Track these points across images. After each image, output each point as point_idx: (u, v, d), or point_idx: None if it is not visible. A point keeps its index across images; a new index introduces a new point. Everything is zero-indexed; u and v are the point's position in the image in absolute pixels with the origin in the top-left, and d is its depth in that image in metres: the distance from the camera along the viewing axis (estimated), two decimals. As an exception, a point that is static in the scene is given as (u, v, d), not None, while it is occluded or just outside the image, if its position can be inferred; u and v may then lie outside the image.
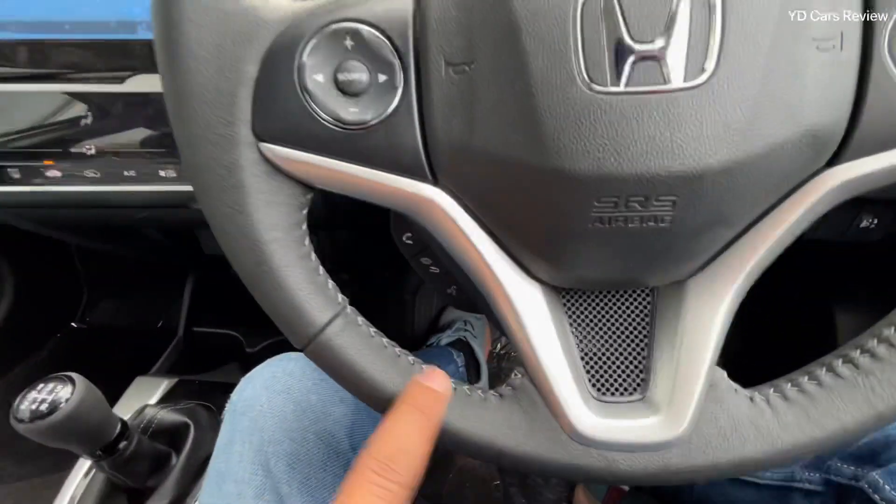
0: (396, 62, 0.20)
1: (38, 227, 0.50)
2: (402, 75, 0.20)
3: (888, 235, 0.43)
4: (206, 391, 0.54)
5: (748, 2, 0.18)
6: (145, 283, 1.17)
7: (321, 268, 0.24)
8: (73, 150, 0.41)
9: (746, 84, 0.18)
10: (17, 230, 0.95)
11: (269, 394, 0.33)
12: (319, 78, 0.20)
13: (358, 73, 0.20)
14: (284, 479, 0.30)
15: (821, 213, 0.22)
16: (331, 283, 0.24)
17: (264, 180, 0.21)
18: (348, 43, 0.20)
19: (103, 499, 0.44)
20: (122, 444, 0.40)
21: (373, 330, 0.24)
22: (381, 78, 0.20)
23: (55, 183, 0.42)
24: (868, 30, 0.19)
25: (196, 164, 0.21)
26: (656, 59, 0.18)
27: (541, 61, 0.18)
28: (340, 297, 0.24)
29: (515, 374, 0.25)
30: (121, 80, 0.40)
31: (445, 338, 0.88)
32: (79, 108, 0.40)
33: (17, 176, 0.42)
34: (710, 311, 0.23)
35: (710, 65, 0.18)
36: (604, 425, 0.23)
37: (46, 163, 0.41)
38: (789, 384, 0.23)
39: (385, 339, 0.24)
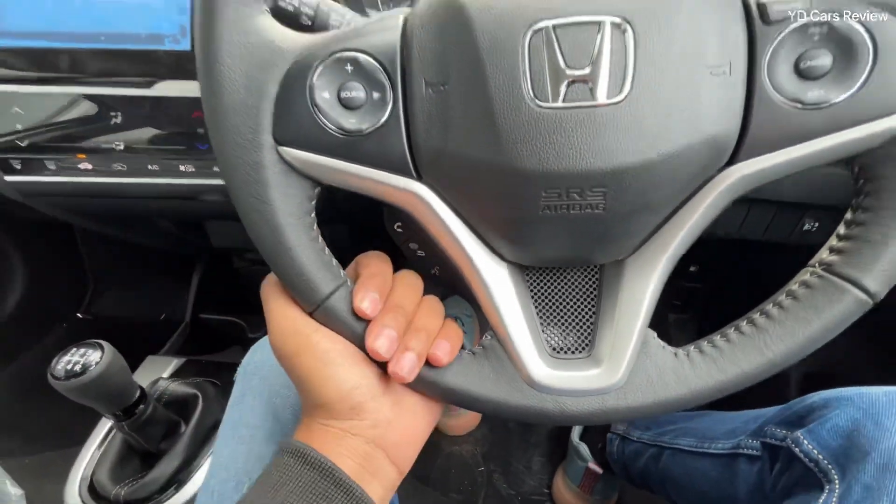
0: (387, 83, 0.26)
1: (66, 214, 0.55)
2: (391, 93, 0.26)
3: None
4: (211, 370, 0.59)
5: (655, 39, 0.23)
6: (148, 276, 1.21)
7: (327, 249, 0.29)
8: (103, 145, 0.46)
9: (655, 101, 0.23)
10: (29, 223, 1.00)
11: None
12: (326, 95, 0.25)
13: (356, 92, 0.25)
14: (290, 424, 0.35)
15: (727, 203, 0.27)
16: (335, 262, 0.29)
17: (282, 176, 0.26)
18: (349, 68, 0.25)
19: (120, 459, 0.49)
20: (140, 408, 0.45)
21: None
22: (375, 95, 0.26)
23: (87, 174, 0.47)
24: (752, 60, 0.24)
25: (228, 163, 0.26)
26: (586, 81, 0.23)
27: (498, 83, 0.23)
28: (342, 272, 0.29)
29: (486, 336, 0.30)
30: (149, 85, 0.45)
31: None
32: (110, 109, 0.46)
33: (52, 167, 0.47)
34: (643, 283, 0.29)
35: (627, 87, 0.23)
36: (556, 376, 0.28)
37: (79, 156, 0.47)
38: (706, 342, 0.28)
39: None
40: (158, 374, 0.57)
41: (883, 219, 0.25)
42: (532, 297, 0.31)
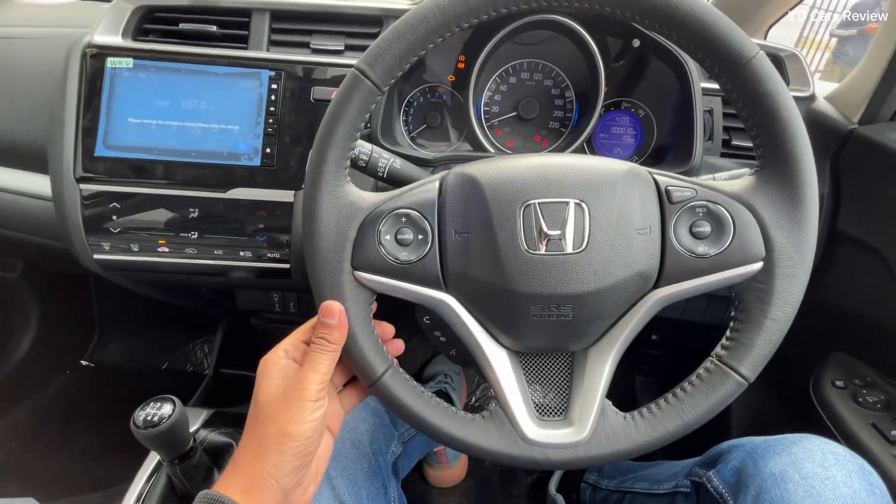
0: (429, 228, 0.39)
1: (132, 283, 0.65)
2: (431, 235, 0.38)
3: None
4: (238, 421, 0.67)
5: (601, 213, 0.37)
6: (151, 328, 1.28)
7: (380, 340, 0.40)
8: (181, 234, 0.58)
9: (603, 251, 0.37)
10: (44, 272, 1.07)
11: None
12: (388, 237, 0.38)
13: (408, 235, 0.38)
14: (332, 468, 0.45)
15: (654, 313, 0.40)
16: (384, 348, 0.40)
17: (354, 291, 0.38)
18: (403, 219, 0.38)
19: (163, 500, 0.56)
20: (191, 455, 0.53)
21: (408, 377, 0.40)
22: (420, 237, 0.38)
23: (163, 256, 0.58)
24: (663, 225, 0.38)
25: (319, 281, 0.38)
26: (559, 238, 0.37)
27: (503, 236, 0.37)
28: (390, 356, 0.40)
29: (491, 404, 0.41)
30: (224, 191, 0.57)
31: (429, 388, 1.03)
32: (190, 206, 0.58)
33: (136, 249, 0.58)
34: (601, 366, 0.41)
35: (584, 243, 0.37)
36: (542, 433, 0.40)
37: (160, 241, 0.58)
38: (645, 409, 0.40)
39: (415, 383, 0.40)
40: (194, 423, 0.65)
41: (749, 328, 0.38)
42: (525, 374, 0.43)
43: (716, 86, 0.61)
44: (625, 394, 1.05)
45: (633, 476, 0.64)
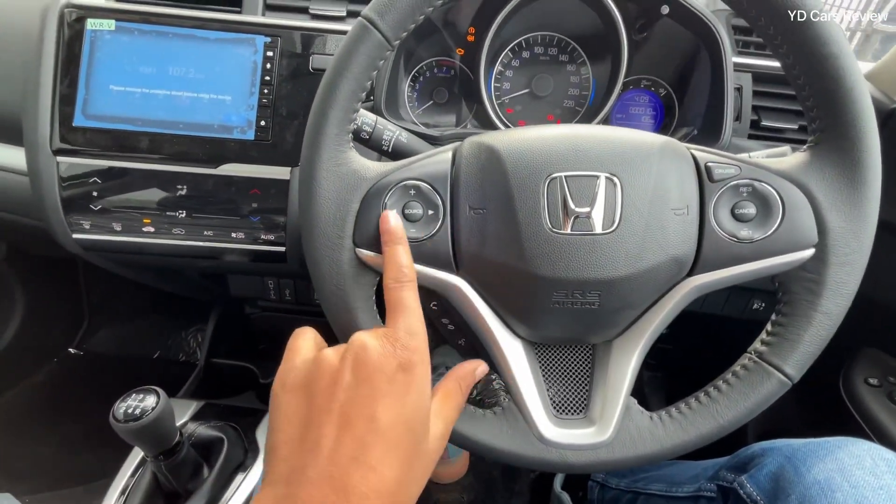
0: (440, 203, 0.34)
1: (115, 265, 0.61)
2: (443, 210, 0.34)
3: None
4: (229, 414, 0.63)
5: (635, 190, 0.33)
6: (142, 316, 1.24)
7: (384, 325, 0.36)
8: (167, 213, 0.53)
9: (635, 232, 0.33)
10: (31, 256, 1.03)
11: None
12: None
13: (417, 210, 0.34)
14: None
15: (687, 303, 0.36)
16: None
17: (356, 270, 0.34)
18: (412, 191, 0.34)
19: (147, 499, 0.52)
20: (178, 450, 0.50)
21: None
22: (430, 212, 0.34)
23: (148, 236, 0.54)
24: (702, 205, 0.34)
25: (316, 258, 0.34)
26: (587, 217, 0.33)
27: (524, 213, 0.33)
28: None
29: (504, 398, 0.37)
30: (215, 166, 0.53)
31: (430, 380, 1.00)
32: (178, 183, 0.53)
33: (118, 228, 0.54)
34: (626, 361, 0.37)
35: (616, 222, 0.33)
36: (560, 433, 0.36)
37: (145, 221, 0.53)
38: (674, 408, 0.36)
39: None
40: (181, 416, 0.61)
41: (794, 322, 0.34)
42: (541, 367, 0.39)
43: (747, 60, 0.57)
44: (633, 388, 1.01)
45: (647, 476, 0.60)
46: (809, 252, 0.33)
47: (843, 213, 0.33)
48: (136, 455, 0.57)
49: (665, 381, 0.99)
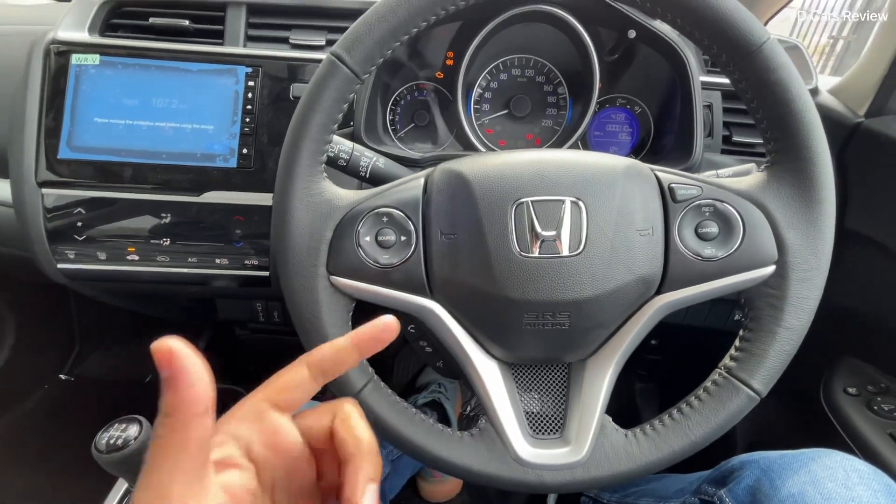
0: (412, 229, 0.35)
1: (101, 293, 0.61)
2: (415, 237, 0.35)
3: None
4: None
5: (599, 212, 0.34)
6: (134, 340, 1.24)
7: None
8: (152, 241, 0.54)
9: (601, 254, 0.34)
10: (21, 282, 1.03)
11: None
12: (367, 239, 0.35)
13: (390, 236, 0.35)
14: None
15: (657, 321, 0.37)
16: (364, 361, 0.37)
17: (331, 297, 0.35)
18: (384, 218, 0.35)
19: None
20: (162, 479, 0.50)
21: (390, 391, 0.37)
22: (403, 238, 0.35)
23: (133, 264, 0.54)
24: (667, 225, 0.35)
25: (291, 286, 0.35)
26: (554, 239, 0.33)
27: (493, 238, 0.34)
28: (370, 369, 0.37)
29: (481, 420, 0.38)
30: (198, 194, 0.54)
31: (421, 398, 0.99)
32: (161, 211, 0.54)
33: (103, 257, 0.54)
34: (599, 379, 0.38)
35: (582, 244, 0.33)
36: (535, 453, 0.36)
37: (129, 249, 0.54)
38: (648, 425, 0.37)
39: (398, 398, 0.37)
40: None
41: (760, 338, 0.35)
42: (517, 387, 0.39)
43: (715, 79, 0.59)
44: (624, 401, 1.02)
45: (637, 490, 0.60)
46: (770, 269, 0.34)
47: (800, 230, 0.34)
48: (123, 483, 0.57)
49: (657, 391, 0.99)
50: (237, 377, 0.89)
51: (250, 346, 0.92)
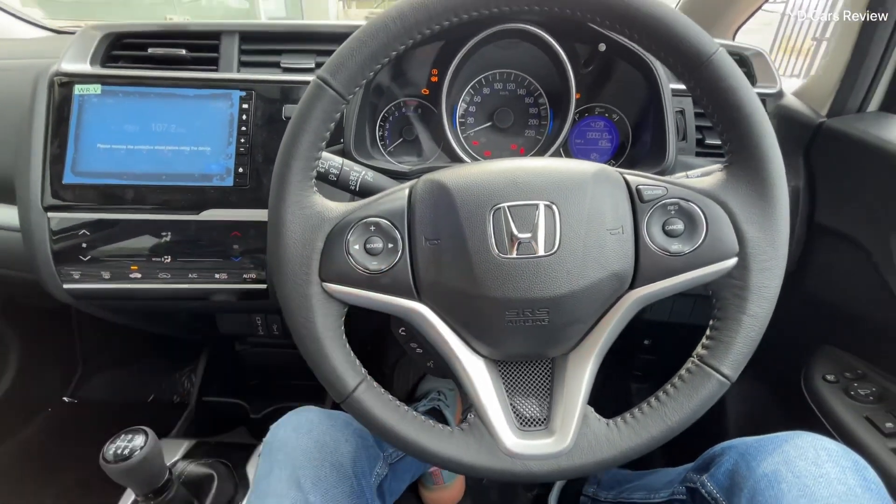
0: (398, 236, 0.38)
1: (106, 312, 0.64)
2: (401, 244, 0.38)
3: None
4: (220, 451, 0.65)
5: (571, 214, 0.36)
6: (135, 360, 1.25)
7: (352, 353, 0.39)
8: (154, 259, 0.57)
9: (575, 252, 0.36)
10: (25, 308, 1.05)
11: (296, 434, 0.46)
12: (356, 247, 0.37)
13: (378, 244, 0.37)
14: (311, 493, 0.43)
15: (633, 315, 0.39)
16: (357, 363, 0.39)
17: (323, 303, 0.37)
18: (372, 227, 0.38)
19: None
20: (167, 489, 0.51)
21: (383, 391, 0.39)
22: (390, 245, 0.38)
23: (136, 282, 0.57)
24: (636, 224, 0.38)
25: (286, 294, 0.37)
26: (530, 241, 0.36)
27: (473, 242, 0.36)
28: (363, 370, 0.39)
29: (469, 415, 0.40)
30: (197, 212, 0.56)
31: (421, 406, 1.01)
32: (162, 230, 0.56)
33: (107, 276, 0.56)
34: (581, 372, 0.40)
35: (556, 244, 0.36)
36: (523, 444, 0.38)
37: (132, 268, 0.56)
38: (628, 414, 0.39)
39: (391, 397, 0.39)
40: (172, 455, 0.63)
41: (727, 326, 0.37)
42: (504, 383, 0.41)
43: (684, 86, 0.62)
44: (621, 401, 1.03)
45: (631, 486, 0.62)
46: (733, 261, 0.37)
47: (758, 224, 0.36)
48: (129, 497, 0.58)
49: (652, 391, 1.01)
50: (238, 391, 0.91)
51: (250, 360, 0.94)
